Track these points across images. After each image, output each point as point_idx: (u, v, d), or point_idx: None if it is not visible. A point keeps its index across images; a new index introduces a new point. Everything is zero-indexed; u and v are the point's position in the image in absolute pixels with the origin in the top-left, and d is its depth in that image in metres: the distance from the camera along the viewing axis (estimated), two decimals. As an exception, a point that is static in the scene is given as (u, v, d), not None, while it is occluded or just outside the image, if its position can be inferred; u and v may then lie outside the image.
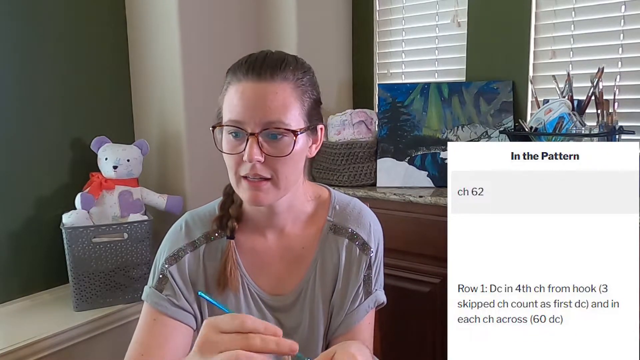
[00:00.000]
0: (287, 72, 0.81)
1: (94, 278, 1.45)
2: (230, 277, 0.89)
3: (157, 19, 1.63)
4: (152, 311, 0.88)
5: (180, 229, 0.93)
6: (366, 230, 0.94)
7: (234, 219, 0.91)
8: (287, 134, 0.80)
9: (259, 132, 0.79)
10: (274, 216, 0.90)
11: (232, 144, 0.81)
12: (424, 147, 1.64)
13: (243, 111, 0.79)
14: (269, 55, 0.83)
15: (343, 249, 0.92)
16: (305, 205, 0.94)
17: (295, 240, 0.93)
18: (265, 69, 0.80)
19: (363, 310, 0.92)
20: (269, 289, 0.92)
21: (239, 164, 0.81)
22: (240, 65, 0.82)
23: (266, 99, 0.79)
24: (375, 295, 0.94)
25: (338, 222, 0.94)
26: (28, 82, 1.49)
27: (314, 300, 0.92)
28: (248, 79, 0.80)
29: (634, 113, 1.51)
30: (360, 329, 0.92)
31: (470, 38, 1.73)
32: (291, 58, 0.85)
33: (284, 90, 0.80)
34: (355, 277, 0.92)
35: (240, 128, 0.79)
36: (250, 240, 0.92)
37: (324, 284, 0.92)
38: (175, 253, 0.90)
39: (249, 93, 0.79)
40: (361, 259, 0.92)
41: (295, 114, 0.81)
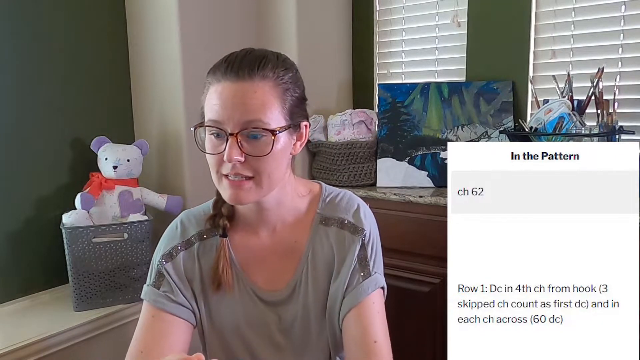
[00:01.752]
0: (266, 70, 0.81)
1: (94, 278, 1.45)
2: (223, 274, 0.90)
3: (157, 19, 1.62)
4: (150, 308, 0.89)
5: (175, 228, 0.95)
6: (356, 215, 0.94)
7: (225, 217, 0.92)
8: (267, 134, 0.80)
9: (238, 132, 0.79)
10: (264, 213, 0.91)
11: (213, 143, 0.81)
12: (424, 147, 1.64)
13: (222, 111, 0.79)
14: (249, 53, 0.83)
15: (334, 237, 0.92)
16: (296, 201, 0.94)
17: (288, 235, 0.93)
18: (244, 68, 0.80)
19: (364, 291, 0.89)
20: (264, 284, 0.93)
21: (220, 164, 0.81)
22: (220, 65, 0.82)
23: (245, 98, 0.79)
24: (375, 277, 0.91)
25: (327, 213, 0.94)
26: (28, 82, 1.49)
27: (311, 292, 0.92)
28: (227, 79, 0.80)
29: (634, 113, 1.51)
30: (370, 313, 0.89)
31: (470, 38, 1.73)
32: (272, 56, 0.84)
33: (262, 89, 0.80)
34: (350, 258, 0.91)
35: (219, 128, 0.79)
36: (243, 238, 0.93)
37: (315, 277, 0.92)
38: (170, 251, 0.92)
39: (227, 93, 0.79)
40: (353, 241, 0.91)
41: (275, 112, 0.81)
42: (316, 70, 1.80)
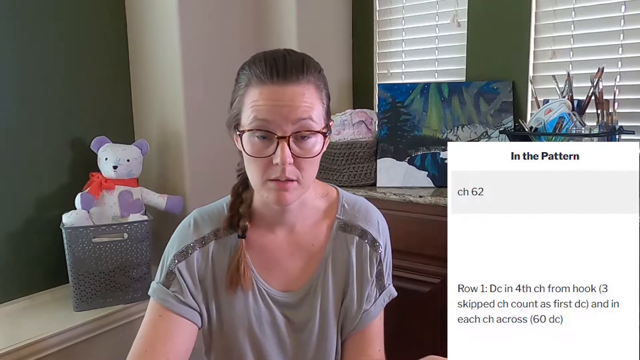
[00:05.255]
0: (309, 74, 0.81)
1: (94, 278, 1.45)
2: (243, 276, 0.89)
3: (157, 19, 1.63)
4: (157, 307, 0.88)
5: (189, 225, 0.93)
6: (374, 227, 0.96)
7: (246, 218, 0.91)
8: (316, 135, 0.81)
9: (290, 135, 0.78)
10: (286, 213, 0.91)
11: (258, 146, 0.80)
12: (424, 147, 1.64)
13: (272, 114, 0.78)
14: (288, 55, 0.82)
15: (353, 247, 0.93)
16: (315, 202, 0.94)
17: (305, 237, 0.93)
18: (292, 71, 0.79)
19: (379, 306, 0.96)
20: (278, 285, 0.92)
21: (267, 167, 0.80)
22: (261, 67, 0.80)
23: (295, 101, 0.78)
24: (389, 289, 0.97)
25: (347, 220, 0.95)
26: (28, 82, 1.49)
27: (326, 296, 0.92)
28: (274, 82, 0.79)
29: (634, 113, 1.51)
30: (378, 327, 0.96)
31: (470, 38, 1.73)
32: (307, 58, 0.85)
33: (309, 91, 0.80)
34: (369, 275, 0.94)
35: (269, 131, 0.79)
36: (259, 238, 0.93)
37: (335, 281, 0.93)
38: (184, 249, 0.90)
39: (277, 96, 0.79)
40: (372, 256, 0.94)
41: (320, 114, 0.82)
42: (316, 70, 1.80)
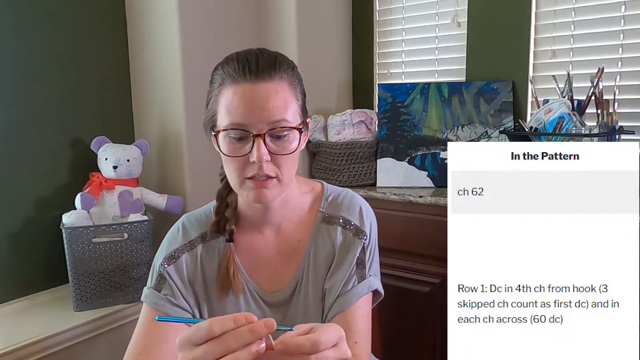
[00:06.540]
0: (282, 71, 0.81)
1: (94, 278, 1.45)
2: (233, 280, 0.89)
3: (157, 19, 1.63)
4: (150, 311, 0.88)
5: (177, 230, 0.94)
6: (357, 215, 0.94)
7: (232, 221, 0.91)
8: (291, 132, 0.81)
9: (265, 132, 0.79)
10: (270, 212, 0.91)
11: (234, 146, 0.80)
12: (424, 147, 1.64)
13: (246, 113, 0.79)
14: (260, 53, 0.83)
15: (337, 236, 0.92)
16: (299, 199, 0.94)
17: (291, 234, 0.93)
18: (264, 69, 0.80)
19: (356, 294, 0.89)
20: (268, 285, 0.92)
21: (245, 166, 0.81)
22: (231, 65, 0.81)
23: (269, 99, 0.79)
24: (369, 280, 0.91)
25: (330, 212, 0.94)
26: (28, 82, 1.49)
27: (308, 290, 0.92)
28: (247, 80, 0.79)
29: (634, 113, 1.51)
30: (354, 317, 0.89)
31: (470, 38, 1.73)
32: (279, 55, 0.85)
33: (282, 88, 0.81)
34: (349, 260, 0.91)
35: (244, 130, 0.79)
36: (247, 239, 0.93)
37: (316, 275, 0.92)
38: (173, 253, 0.91)
39: (250, 94, 0.79)
40: (355, 243, 0.92)
41: (295, 110, 0.82)
42: (316, 70, 1.80)
